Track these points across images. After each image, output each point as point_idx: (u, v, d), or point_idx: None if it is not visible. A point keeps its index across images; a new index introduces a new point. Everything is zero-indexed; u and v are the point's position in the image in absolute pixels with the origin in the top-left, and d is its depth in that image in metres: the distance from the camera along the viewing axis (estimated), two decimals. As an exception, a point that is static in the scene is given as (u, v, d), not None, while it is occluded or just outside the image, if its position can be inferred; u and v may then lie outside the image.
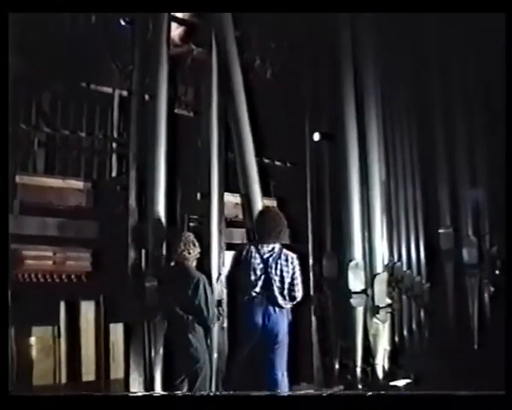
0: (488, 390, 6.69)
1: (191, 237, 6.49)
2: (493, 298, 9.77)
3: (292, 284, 6.24)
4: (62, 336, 7.16)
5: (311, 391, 5.69)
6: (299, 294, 6.30)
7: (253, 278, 6.22)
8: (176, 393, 5.24)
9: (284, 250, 6.33)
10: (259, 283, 6.21)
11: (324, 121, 8.67)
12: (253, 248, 6.31)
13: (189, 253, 6.40)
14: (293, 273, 6.26)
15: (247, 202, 7.05)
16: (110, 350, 7.29)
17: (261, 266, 6.23)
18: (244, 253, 6.33)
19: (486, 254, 9.81)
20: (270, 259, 6.24)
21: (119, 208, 6.94)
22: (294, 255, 6.37)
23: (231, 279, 6.67)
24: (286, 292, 6.21)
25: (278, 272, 6.21)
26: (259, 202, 7.03)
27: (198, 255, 6.51)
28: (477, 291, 9.87)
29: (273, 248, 6.28)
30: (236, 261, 6.40)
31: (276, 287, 6.18)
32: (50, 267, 6.84)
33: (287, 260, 6.25)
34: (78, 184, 7.05)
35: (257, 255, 6.28)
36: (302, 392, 5.47)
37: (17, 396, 4.02)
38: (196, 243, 6.46)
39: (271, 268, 6.21)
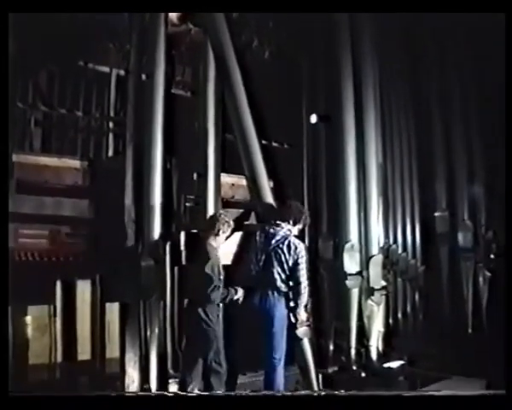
0: (481, 374, 6.76)
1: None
2: (488, 282, 9.83)
3: (294, 271, 6.23)
4: (58, 316, 7.18)
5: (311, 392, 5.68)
6: (302, 279, 6.25)
7: (255, 258, 6.33)
8: (176, 393, 5.27)
9: (291, 237, 6.34)
10: (260, 263, 6.28)
11: (321, 103, 8.67)
12: (263, 229, 6.46)
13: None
14: (296, 261, 6.24)
15: (252, 184, 7.02)
16: (106, 329, 7.32)
17: (264, 247, 6.31)
18: (256, 232, 6.49)
19: (482, 239, 9.85)
20: (273, 241, 6.29)
21: (115, 187, 6.92)
22: (301, 244, 6.37)
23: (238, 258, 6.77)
24: (285, 277, 6.22)
25: (278, 257, 6.24)
26: (266, 183, 7.00)
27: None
28: (472, 275, 9.93)
29: (279, 232, 6.34)
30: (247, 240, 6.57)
31: (275, 270, 6.20)
32: (46, 246, 6.85)
33: (289, 247, 6.25)
34: (75, 162, 7.05)
35: (263, 236, 6.39)
36: (303, 392, 5.47)
37: (17, 396, 4.05)
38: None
39: (273, 251, 6.26)
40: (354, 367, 8.02)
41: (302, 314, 6.35)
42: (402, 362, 8.10)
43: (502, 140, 9.00)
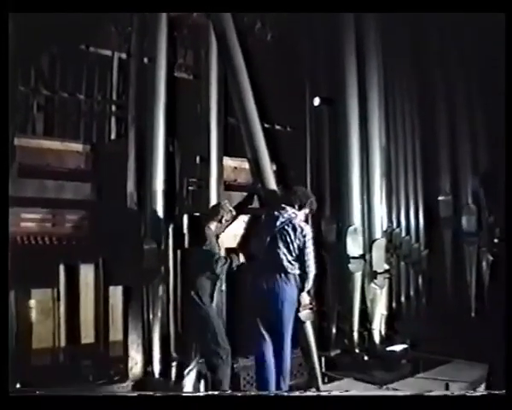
0: (483, 358, 6.76)
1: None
2: (491, 266, 9.83)
3: (301, 255, 6.22)
4: (62, 299, 7.19)
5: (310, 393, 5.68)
6: (309, 270, 6.25)
7: (260, 241, 6.36)
8: (177, 393, 5.28)
9: (296, 220, 6.32)
10: (265, 245, 6.27)
11: (325, 85, 8.62)
12: (268, 212, 6.52)
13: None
14: (304, 244, 6.22)
15: (255, 167, 7.00)
16: (109, 313, 7.33)
17: (269, 229, 6.32)
18: (261, 216, 6.63)
19: (485, 223, 9.84)
20: (278, 223, 6.27)
21: (118, 171, 6.92)
22: (307, 227, 6.36)
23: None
24: (291, 258, 6.20)
25: (284, 238, 6.21)
26: (268, 166, 6.97)
27: None
28: (475, 259, 9.93)
29: (284, 215, 6.32)
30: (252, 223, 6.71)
31: (281, 251, 6.18)
32: (49, 230, 6.84)
33: (295, 229, 6.24)
34: (77, 146, 7.02)
35: (268, 219, 6.44)
36: (304, 393, 5.46)
37: (17, 396, 4.06)
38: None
39: (278, 233, 6.25)
40: (357, 350, 8.05)
41: (305, 298, 6.35)
42: (405, 346, 8.12)
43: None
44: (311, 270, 6.27)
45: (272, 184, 6.89)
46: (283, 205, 6.40)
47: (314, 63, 8.62)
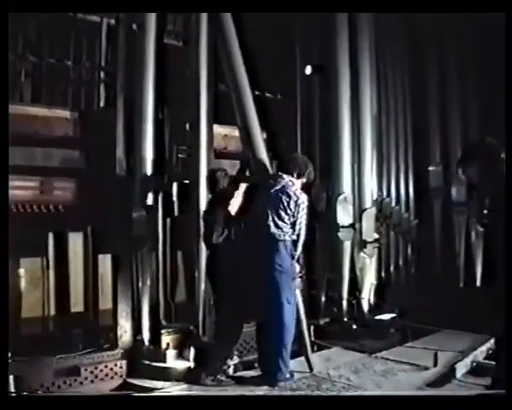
0: (471, 328, 6.78)
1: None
2: (480, 237, 9.86)
3: (293, 224, 6.15)
4: (51, 268, 7.17)
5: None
6: (301, 232, 6.19)
7: (254, 208, 6.31)
8: (175, 393, 5.28)
9: (292, 188, 6.24)
10: (258, 212, 6.23)
11: (316, 54, 8.57)
12: (266, 181, 6.43)
13: None
14: (297, 212, 6.14)
15: (245, 135, 6.94)
16: (98, 281, 7.32)
17: (263, 196, 6.29)
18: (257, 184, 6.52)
19: (475, 193, 9.85)
20: (272, 190, 6.22)
21: (107, 138, 6.86)
22: (303, 197, 6.24)
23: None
24: (283, 226, 6.10)
25: (277, 204, 6.14)
26: (259, 134, 6.89)
27: None
28: (464, 230, 9.96)
29: (280, 182, 6.27)
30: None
31: (270, 219, 6.10)
32: (38, 198, 6.80)
33: (289, 197, 6.16)
34: (66, 113, 6.94)
35: (264, 187, 6.37)
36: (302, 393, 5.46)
37: (17, 396, 4.06)
38: None
39: (270, 199, 6.19)
40: (346, 319, 8.09)
41: (295, 266, 6.30)
42: (393, 315, 8.16)
43: (497, 97, 9.05)
44: (302, 239, 6.22)
45: (263, 152, 6.82)
46: (280, 173, 6.35)
47: (305, 31, 8.55)
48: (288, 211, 6.13)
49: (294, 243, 6.19)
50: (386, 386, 5.73)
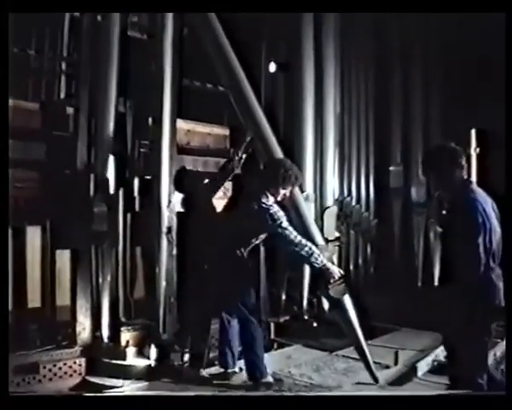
0: (429, 327, 6.84)
1: None
2: (438, 237, 9.97)
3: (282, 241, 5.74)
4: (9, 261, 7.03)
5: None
6: (296, 243, 5.66)
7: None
8: (174, 394, 5.21)
9: (271, 209, 5.72)
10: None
11: (281, 51, 8.56)
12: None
13: None
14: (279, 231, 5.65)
15: (260, 142, 6.68)
16: (56, 277, 7.20)
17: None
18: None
19: (433, 194, 9.97)
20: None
21: (67, 131, 6.75)
22: (279, 213, 5.73)
23: None
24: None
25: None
26: (274, 139, 6.71)
27: None
28: (423, 230, 10.07)
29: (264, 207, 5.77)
30: None
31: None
32: (-5, 190, 6.64)
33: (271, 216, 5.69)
34: (26, 104, 6.82)
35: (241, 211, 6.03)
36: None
37: (17, 396, 3.96)
38: None
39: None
40: (306, 317, 8.10)
41: (333, 269, 5.83)
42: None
43: (461, 93, 9.14)
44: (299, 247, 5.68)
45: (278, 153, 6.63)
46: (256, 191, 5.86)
47: (270, 28, 8.53)
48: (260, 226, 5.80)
49: (292, 254, 5.87)
50: (348, 384, 5.77)
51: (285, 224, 5.65)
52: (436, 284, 9.79)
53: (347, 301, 6.02)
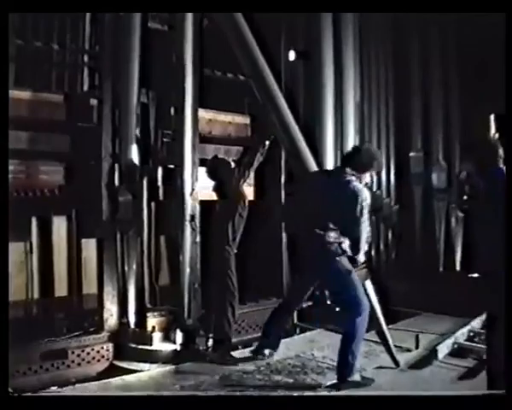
0: (450, 311, 6.86)
1: None
2: (460, 223, 9.97)
3: (355, 220, 5.50)
4: (34, 252, 7.18)
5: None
6: (363, 227, 5.53)
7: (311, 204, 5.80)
8: (177, 394, 5.29)
9: (354, 183, 5.54)
10: (316, 210, 5.66)
11: (300, 39, 8.59)
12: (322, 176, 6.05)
13: None
14: (361, 211, 5.46)
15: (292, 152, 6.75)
16: (82, 265, 7.35)
17: (323, 193, 5.68)
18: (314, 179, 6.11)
19: (455, 180, 9.97)
20: (331, 187, 5.63)
21: (92, 122, 6.87)
22: (365, 193, 5.53)
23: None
24: (342, 226, 5.53)
25: (336, 203, 5.54)
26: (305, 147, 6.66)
27: None
28: (444, 215, 10.07)
29: (341, 179, 5.60)
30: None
31: (328, 216, 5.54)
32: (23, 182, 6.78)
33: (351, 195, 5.50)
34: (50, 96, 6.94)
35: (322, 183, 5.83)
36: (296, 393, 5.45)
37: (17, 396, 4.07)
38: None
39: (332, 197, 5.57)
40: (328, 302, 8.16)
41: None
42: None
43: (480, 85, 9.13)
44: (363, 238, 5.58)
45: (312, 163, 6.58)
46: (343, 167, 5.69)
47: (290, 17, 8.55)
48: (350, 210, 5.50)
49: (354, 242, 5.59)
50: (369, 367, 5.84)
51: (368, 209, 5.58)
52: (458, 268, 9.85)
53: (369, 285, 5.94)
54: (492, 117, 8.56)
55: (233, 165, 6.58)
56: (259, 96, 6.71)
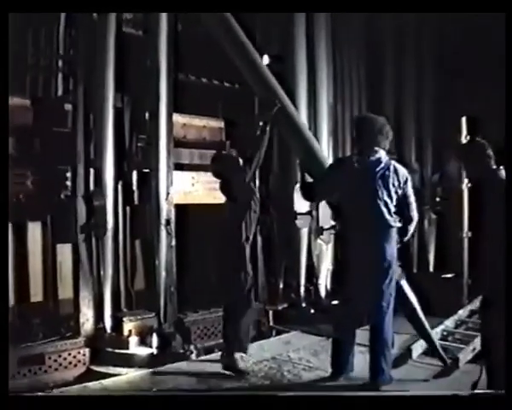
0: (424, 311, 6.95)
1: None
2: (433, 224, 10.07)
3: (406, 204, 5.25)
4: (9, 258, 7.13)
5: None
6: (414, 214, 5.31)
7: (354, 191, 5.26)
8: (177, 393, 5.29)
9: (394, 162, 5.29)
10: (363, 197, 5.21)
11: (274, 43, 8.63)
12: (355, 159, 5.36)
13: None
14: (406, 189, 5.24)
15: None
16: (58, 271, 7.31)
17: (365, 177, 5.20)
18: (346, 162, 5.55)
19: (428, 181, 10.06)
20: (377, 169, 5.18)
21: (67, 127, 6.85)
22: (404, 169, 5.36)
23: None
24: (393, 209, 5.19)
25: (386, 185, 5.15)
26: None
27: None
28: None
29: (381, 158, 5.23)
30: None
31: (382, 204, 5.15)
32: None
33: (397, 174, 5.21)
34: (23, 101, 6.89)
35: (362, 165, 5.24)
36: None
37: (17, 396, 4.06)
38: None
39: (379, 180, 5.16)
40: (303, 304, 8.23)
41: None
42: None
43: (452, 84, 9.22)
44: (415, 218, 5.32)
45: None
46: (376, 148, 5.24)
47: (264, 21, 8.59)
48: (399, 192, 5.20)
49: (404, 226, 5.28)
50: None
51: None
52: (431, 269, 9.94)
53: (405, 285, 5.70)
54: (464, 119, 8.72)
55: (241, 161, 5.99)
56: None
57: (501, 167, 5.21)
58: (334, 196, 5.72)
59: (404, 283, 5.63)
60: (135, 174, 6.98)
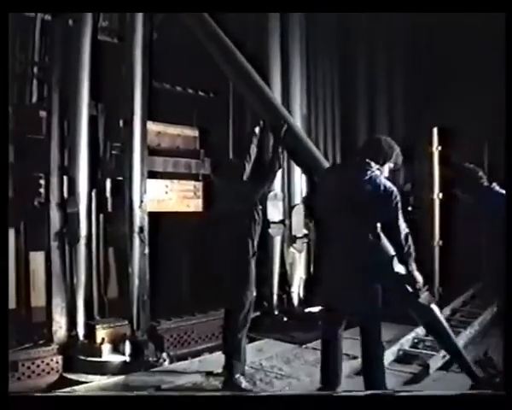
0: (400, 320, 7.00)
1: None
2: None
3: (393, 222, 5.02)
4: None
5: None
6: (402, 228, 5.03)
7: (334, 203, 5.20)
8: (173, 394, 5.27)
9: (381, 178, 5.07)
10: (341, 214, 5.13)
11: (247, 53, 8.68)
12: (351, 170, 5.25)
13: None
14: (395, 208, 4.99)
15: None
16: (30, 278, 7.28)
17: (347, 191, 5.10)
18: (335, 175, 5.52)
19: (400, 190, 10.14)
20: (359, 183, 5.05)
21: (41, 134, 6.84)
22: (392, 187, 5.05)
23: None
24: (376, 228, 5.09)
25: (367, 195, 5.02)
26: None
27: None
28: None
29: (366, 173, 5.07)
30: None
31: (361, 209, 5.02)
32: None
33: (383, 189, 4.99)
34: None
35: (345, 179, 5.19)
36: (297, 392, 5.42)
37: (17, 396, 4.04)
38: None
39: (358, 195, 5.05)
40: (276, 312, 8.28)
41: (417, 274, 5.12)
42: (321, 307, 8.35)
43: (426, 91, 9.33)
44: (406, 235, 5.04)
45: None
46: (367, 160, 5.14)
47: (237, 30, 8.64)
48: (383, 207, 5.04)
49: (396, 241, 5.09)
50: (317, 375, 5.94)
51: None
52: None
53: (435, 308, 5.53)
54: (435, 130, 8.84)
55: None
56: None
57: (494, 184, 5.44)
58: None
59: (434, 306, 5.50)
60: (108, 182, 6.98)
